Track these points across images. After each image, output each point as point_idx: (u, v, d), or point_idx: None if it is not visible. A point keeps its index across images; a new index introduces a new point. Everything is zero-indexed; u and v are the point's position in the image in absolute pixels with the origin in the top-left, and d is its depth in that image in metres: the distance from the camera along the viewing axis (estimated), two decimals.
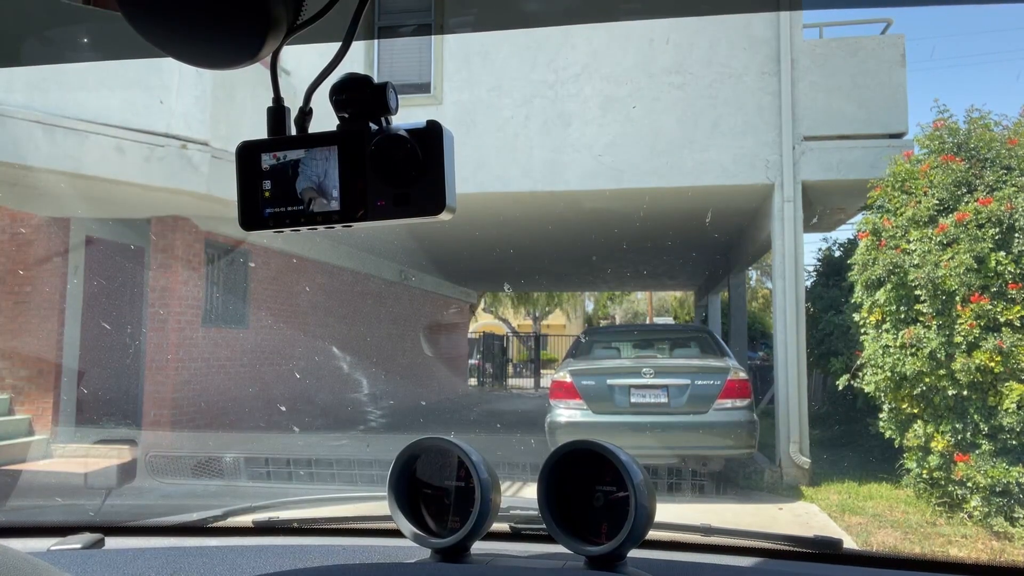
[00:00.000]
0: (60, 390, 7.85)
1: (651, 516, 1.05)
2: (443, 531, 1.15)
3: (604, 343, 8.41)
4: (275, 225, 0.50)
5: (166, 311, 7.93)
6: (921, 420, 5.83)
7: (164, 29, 0.50)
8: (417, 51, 8.14)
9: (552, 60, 7.78)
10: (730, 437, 6.40)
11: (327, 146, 0.49)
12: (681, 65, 7.58)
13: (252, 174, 0.50)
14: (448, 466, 1.17)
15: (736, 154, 7.40)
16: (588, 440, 1.10)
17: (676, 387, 6.55)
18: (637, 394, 6.58)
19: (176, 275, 8.00)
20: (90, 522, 1.39)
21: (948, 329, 5.59)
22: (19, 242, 8.14)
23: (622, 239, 10.11)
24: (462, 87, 7.93)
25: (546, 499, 1.10)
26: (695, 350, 8.02)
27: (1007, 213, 5.59)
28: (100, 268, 8.30)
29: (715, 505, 6.16)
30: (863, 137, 7.31)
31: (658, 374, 6.66)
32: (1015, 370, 5.36)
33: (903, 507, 5.96)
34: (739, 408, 6.46)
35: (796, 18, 7.41)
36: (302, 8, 0.51)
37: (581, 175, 7.60)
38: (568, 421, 6.58)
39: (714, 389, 6.51)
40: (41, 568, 0.54)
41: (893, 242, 6.08)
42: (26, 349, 7.91)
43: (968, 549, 5.01)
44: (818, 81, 7.42)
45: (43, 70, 5.94)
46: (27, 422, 7.71)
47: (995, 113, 6.60)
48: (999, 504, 5.30)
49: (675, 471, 6.55)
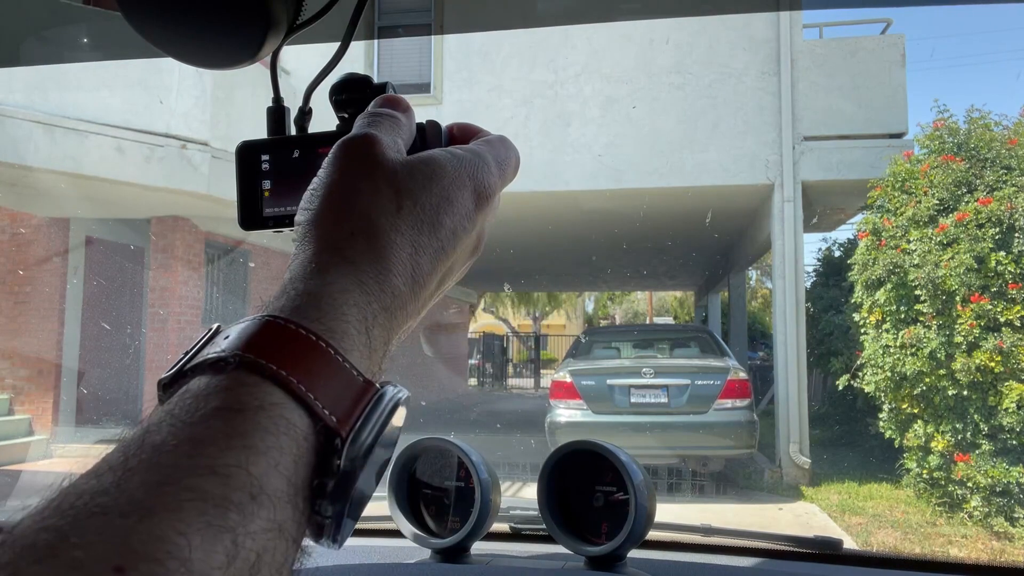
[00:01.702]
0: (60, 390, 7.85)
1: (651, 516, 1.05)
2: (443, 531, 1.15)
3: (604, 343, 8.41)
4: (275, 225, 0.50)
5: (166, 311, 7.93)
6: (921, 420, 5.82)
7: (164, 29, 0.50)
8: (417, 51, 8.14)
9: (552, 60, 7.78)
10: (730, 437, 6.40)
11: (327, 146, 0.49)
12: (681, 65, 7.57)
13: (252, 174, 0.50)
14: (448, 466, 1.17)
15: (736, 154, 7.40)
16: (588, 440, 1.10)
17: (676, 387, 6.55)
18: (637, 394, 6.58)
19: (176, 275, 8.00)
20: None
21: (948, 329, 5.59)
22: (19, 242, 8.14)
23: (622, 239, 10.11)
24: (462, 87, 7.94)
25: (546, 499, 1.10)
26: (695, 350, 8.02)
27: (1007, 213, 5.59)
28: (100, 268, 8.30)
29: (715, 505, 6.16)
30: (863, 137, 7.31)
31: (658, 374, 6.66)
32: (1015, 370, 5.37)
33: (903, 507, 5.96)
34: (739, 408, 6.46)
35: (796, 18, 7.41)
36: (302, 8, 0.51)
37: (581, 175, 7.60)
38: (568, 421, 6.58)
39: (714, 389, 6.51)
40: None
41: (893, 242, 6.08)
42: (26, 349, 7.91)
43: (968, 549, 5.01)
44: (818, 81, 7.41)
45: (43, 70, 5.94)
46: (27, 422, 7.71)
47: (995, 113, 6.60)
48: (999, 504, 5.30)
49: (675, 471, 6.55)
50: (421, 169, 0.42)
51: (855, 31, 8.28)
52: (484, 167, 0.45)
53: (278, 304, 0.35)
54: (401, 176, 0.41)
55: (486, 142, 0.48)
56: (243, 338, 0.33)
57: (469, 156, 0.44)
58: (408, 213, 0.40)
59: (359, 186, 0.40)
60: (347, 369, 0.34)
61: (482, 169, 0.44)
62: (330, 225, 0.39)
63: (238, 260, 9.19)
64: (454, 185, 0.42)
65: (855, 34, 8.08)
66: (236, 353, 0.32)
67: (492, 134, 0.50)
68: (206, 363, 0.33)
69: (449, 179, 0.42)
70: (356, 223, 0.39)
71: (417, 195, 0.41)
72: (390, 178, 0.41)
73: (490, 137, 0.49)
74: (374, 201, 0.40)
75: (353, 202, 0.40)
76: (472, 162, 0.44)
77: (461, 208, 0.42)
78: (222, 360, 0.32)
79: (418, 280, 0.40)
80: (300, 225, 0.40)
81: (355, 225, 0.39)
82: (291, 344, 0.33)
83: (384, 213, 0.39)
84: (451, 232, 0.42)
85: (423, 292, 0.41)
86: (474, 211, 0.43)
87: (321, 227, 0.39)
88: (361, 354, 0.35)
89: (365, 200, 0.40)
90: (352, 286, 0.37)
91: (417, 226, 0.40)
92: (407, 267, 0.39)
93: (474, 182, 0.44)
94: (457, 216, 0.42)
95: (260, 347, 0.32)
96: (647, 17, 1.18)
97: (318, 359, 0.33)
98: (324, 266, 0.37)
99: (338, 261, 0.37)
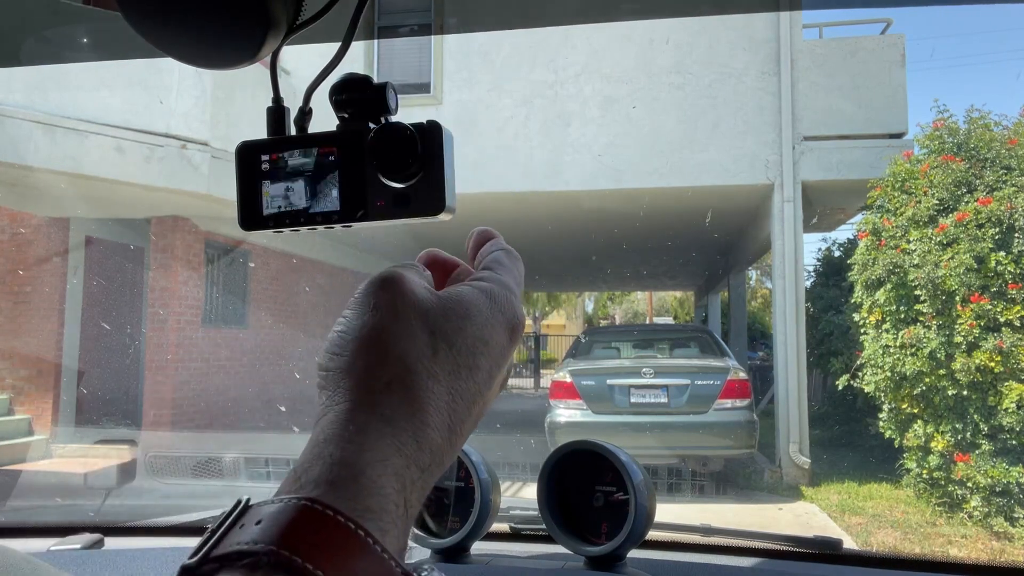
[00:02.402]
0: (60, 390, 7.85)
1: (651, 516, 1.05)
2: (443, 531, 1.15)
3: (604, 343, 8.41)
4: (275, 225, 0.50)
5: (166, 311, 7.94)
6: (921, 420, 5.83)
7: (163, 29, 0.50)
8: (417, 51, 8.14)
9: (552, 60, 7.77)
10: (730, 437, 6.40)
11: (327, 146, 0.49)
12: (681, 65, 7.57)
13: (252, 174, 0.50)
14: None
15: (736, 154, 7.40)
16: (588, 440, 1.10)
17: (676, 387, 6.55)
18: (637, 394, 6.58)
19: (176, 275, 7.99)
20: (90, 522, 1.39)
21: (948, 329, 5.59)
22: (19, 242, 8.14)
23: (622, 239, 10.11)
24: (462, 87, 7.93)
25: (546, 499, 1.10)
26: (695, 350, 8.02)
27: (1007, 213, 5.59)
28: (100, 268, 8.30)
29: (715, 505, 6.16)
30: (863, 137, 7.31)
31: (658, 374, 6.66)
32: (1015, 370, 5.37)
33: (903, 507, 5.96)
34: (739, 408, 6.46)
35: (796, 18, 7.41)
36: (302, 8, 0.51)
37: (581, 175, 7.60)
38: (568, 421, 6.58)
39: (714, 389, 6.51)
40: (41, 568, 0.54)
41: (893, 242, 6.08)
42: (26, 349, 7.91)
43: (968, 549, 5.01)
44: (818, 81, 7.41)
45: (43, 70, 5.94)
46: (27, 422, 7.71)
47: (995, 113, 6.61)
48: (999, 504, 5.30)
49: (675, 471, 6.55)
50: (455, 309, 0.40)
51: (855, 31, 8.29)
52: (514, 299, 0.43)
53: (312, 473, 0.34)
54: (434, 316, 0.39)
55: (504, 267, 0.46)
56: (277, 527, 0.31)
57: (499, 290, 0.43)
58: (444, 357, 0.39)
59: (393, 328, 0.38)
60: (385, 561, 0.32)
61: (512, 302, 0.43)
62: (363, 374, 0.37)
63: (238, 260, 9.19)
64: (488, 324, 0.41)
65: (855, 34, 8.08)
66: (270, 549, 0.30)
67: (503, 245, 0.49)
68: (237, 558, 0.31)
69: (484, 318, 0.41)
70: (391, 370, 0.37)
71: (452, 338, 0.39)
72: (424, 319, 0.39)
73: (503, 259, 0.47)
74: (409, 346, 0.38)
75: (386, 347, 0.38)
76: (503, 297, 0.43)
77: (496, 347, 0.41)
78: (253, 556, 0.30)
79: (455, 429, 0.39)
80: (330, 372, 0.38)
81: (390, 373, 0.37)
82: (328, 535, 0.31)
83: (420, 358, 0.38)
84: (487, 374, 0.41)
85: (459, 441, 0.39)
86: (508, 346, 0.42)
87: (354, 376, 0.37)
88: (398, 528, 0.34)
89: (400, 345, 0.38)
90: (391, 452, 0.35)
91: (454, 371, 0.39)
92: (444, 417, 0.38)
93: (506, 317, 0.42)
94: (493, 356, 0.41)
95: (295, 540, 0.31)
96: (647, 17, 1.18)
97: (356, 551, 0.31)
98: (360, 427, 0.35)
99: (375, 421, 0.36)
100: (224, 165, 6.70)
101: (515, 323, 0.43)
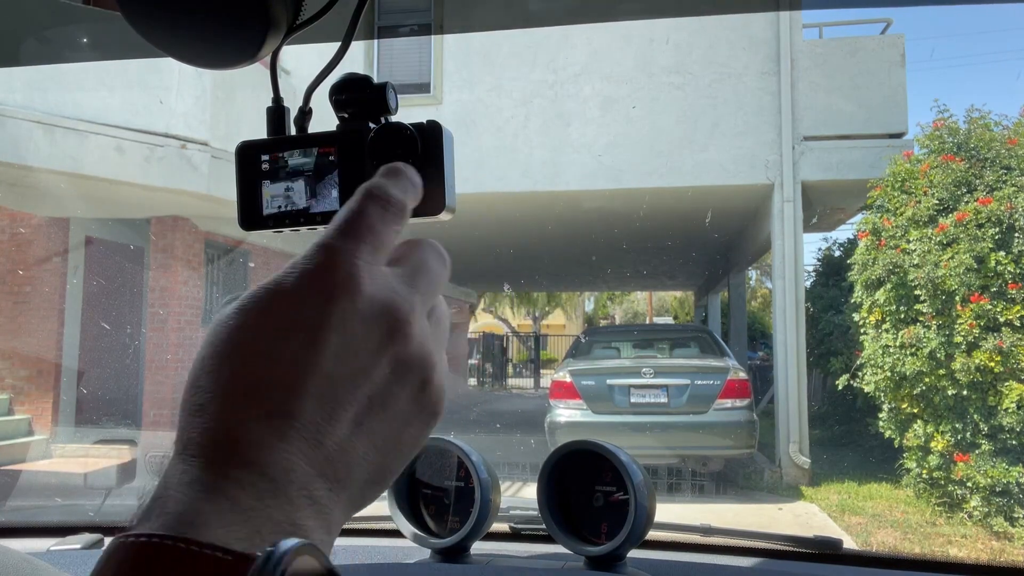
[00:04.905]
0: (60, 390, 7.85)
1: (651, 516, 1.05)
2: (443, 531, 1.15)
3: (604, 343, 8.41)
4: (275, 225, 0.50)
5: (166, 311, 7.93)
6: (921, 420, 5.83)
7: (163, 29, 0.50)
8: (417, 51, 8.14)
9: (552, 60, 7.77)
10: (730, 437, 6.40)
11: (327, 146, 0.49)
12: (681, 65, 7.57)
13: (251, 174, 0.50)
14: (448, 466, 1.17)
15: (736, 154, 7.40)
16: (588, 440, 1.10)
17: (676, 387, 6.55)
18: (637, 394, 6.58)
19: (176, 275, 7.99)
20: (90, 522, 1.39)
21: (948, 329, 5.59)
22: (19, 242, 8.14)
23: (622, 239, 10.11)
24: (462, 87, 7.93)
25: (546, 499, 1.10)
26: (695, 350, 8.02)
27: (1007, 213, 5.59)
28: (100, 268, 8.30)
29: (715, 505, 6.16)
30: (863, 137, 7.31)
31: (658, 374, 6.66)
32: (1015, 370, 5.37)
33: (903, 507, 5.96)
34: (739, 408, 6.46)
35: (796, 18, 7.41)
36: (302, 8, 0.51)
37: (581, 175, 7.60)
38: (568, 421, 6.58)
39: (714, 389, 6.51)
40: (41, 568, 0.54)
41: (893, 242, 6.08)
42: (26, 349, 7.91)
43: (968, 549, 5.01)
44: (818, 81, 7.41)
45: (43, 70, 5.94)
46: (27, 422, 7.71)
47: (995, 113, 6.60)
48: (999, 504, 5.30)
49: (675, 471, 6.55)
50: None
51: (855, 31, 8.29)
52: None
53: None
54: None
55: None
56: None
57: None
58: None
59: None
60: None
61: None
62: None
63: (238, 260, 9.19)
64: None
65: (855, 34, 8.08)
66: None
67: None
68: None
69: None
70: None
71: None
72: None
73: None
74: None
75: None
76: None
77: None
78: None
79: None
80: None
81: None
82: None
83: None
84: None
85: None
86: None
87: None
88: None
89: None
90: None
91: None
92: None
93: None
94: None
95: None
96: (647, 17, 1.18)
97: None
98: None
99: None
100: (224, 165, 6.70)
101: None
